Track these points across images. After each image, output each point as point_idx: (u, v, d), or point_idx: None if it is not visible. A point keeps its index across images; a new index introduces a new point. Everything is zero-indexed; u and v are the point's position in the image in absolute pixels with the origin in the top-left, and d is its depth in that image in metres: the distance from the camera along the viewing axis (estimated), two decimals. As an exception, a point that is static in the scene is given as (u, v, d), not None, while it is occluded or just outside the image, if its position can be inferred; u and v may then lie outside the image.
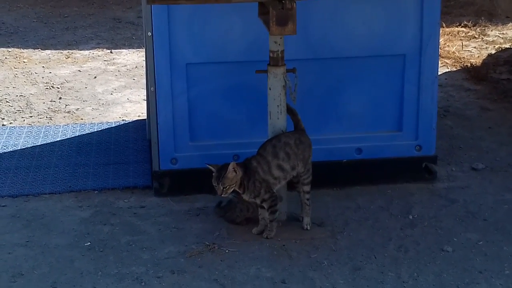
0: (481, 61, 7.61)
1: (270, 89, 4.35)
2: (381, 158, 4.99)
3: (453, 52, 7.86)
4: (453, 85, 6.99)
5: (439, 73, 7.02)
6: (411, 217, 4.63)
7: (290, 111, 4.41)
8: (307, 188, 4.40)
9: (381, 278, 4.01)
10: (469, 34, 8.54)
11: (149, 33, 4.65)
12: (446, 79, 7.16)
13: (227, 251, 4.27)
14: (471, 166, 5.30)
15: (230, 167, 4.17)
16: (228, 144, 4.81)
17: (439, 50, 7.52)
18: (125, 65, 7.71)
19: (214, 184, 4.21)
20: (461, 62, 7.55)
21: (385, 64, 4.88)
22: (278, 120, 4.38)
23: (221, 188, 4.18)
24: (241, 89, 4.79)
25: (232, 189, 4.21)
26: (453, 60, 7.64)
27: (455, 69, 7.44)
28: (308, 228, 4.45)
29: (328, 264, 4.14)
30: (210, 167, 4.24)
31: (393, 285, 3.95)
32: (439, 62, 7.22)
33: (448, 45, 8.10)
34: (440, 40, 7.89)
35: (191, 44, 4.70)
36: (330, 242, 4.35)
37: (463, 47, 8.08)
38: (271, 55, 4.31)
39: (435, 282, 3.97)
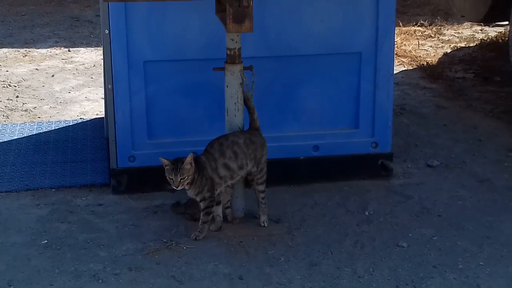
0: (437, 60, 7.70)
1: (227, 86, 4.37)
2: (338, 155, 5.03)
3: (410, 51, 7.94)
4: (409, 83, 7.07)
5: (396, 71, 7.15)
6: (367, 213, 4.68)
7: (248, 108, 4.43)
8: (261, 187, 4.43)
9: (337, 273, 4.05)
10: (425, 33, 8.64)
11: (106, 31, 4.65)
12: (402, 77, 7.24)
13: (184, 248, 4.28)
14: (427, 163, 5.37)
15: (189, 157, 4.17)
16: (186, 142, 4.82)
17: (396, 48, 7.65)
18: (83, 64, 7.68)
19: (169, 177, 4.19)
20: (418, 61, 7.64)
21: (342, 62, 4.92)
22: (235, 117, 4.40)
23: (179, 179, 4.16)
24: (199, 87, 4.81)
25: (187, 181, 4.21)
26: (410, 59, 7.73)
27: (411, 68, 7.52)
28: (265, 225, 4.48)
29: (285, 260, 4.17)
30: (163, 160, 4.22)
31: (349, 281, 3.99)
32: (396, 61, 7.35)
33: (404, 44, 8.18)
34: (396, 39, 8.04)
35: (149, 41, 4.71)
36: (287, 239, 4.38)
37: (419, 46, 8.17)
38: (228, 52, 4.34)
39: (390, 277, 4.02)
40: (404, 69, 7.49)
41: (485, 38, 8.33)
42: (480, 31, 8.77)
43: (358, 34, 4.87)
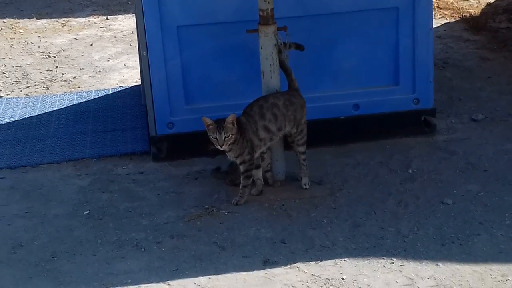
0: (480, 11, 7.53)
1: (261, 48, 4.30)
2: (379, 113, 4.95)
3: (452, 3, 7.77)
4: (452, 36, 6.92)
5: (438, 24, 7.01)
6: (410, 171, 4.60)
7: (285, 70, 4.36)
8: (302, 148, 4.37)
9: (381, 233, 3.99)
10: (467, -17, 8.45)
11: (139, -3, 4.61)
12: (445, 30, 7.09)
13: (226, 213, 4.25)
14: (471, 117, 5.26)
15: (231, 117, 4.11)
16: (223, 106, 4.76)
17: (438, 1, 7.50)
18: (121, 31, 7.65)
19: (213, 136, 4.14)
20: (460, 13, 7.48)
21: (379, 18, 4.82)
22: (271, 79, 4.34)
23: (223, 137, 4.11)
24: (234, 50, 4.75)
25: (231, 140, 4.14)
26: (452, 11, 7.56)
27: (454, 20, 7.36)
28: (307, 187, 4.43)
29: (328, 222, 4.12)
30: (206, 119, 4.14)
31: (393, 241, 3.93)
32: (438, 13, 7.20)
33: (446, -4, 8.01)
34: (438, -9, 7.88)
35: (181, 6, 4.65)
36: (329, 200, 4.32)
37: (461, -3, 8.00)
38: (261, 13, 4.26)
39: (435, 235, 3.95)
40: (446, 21, 7.33)
41: (529, -14, 8.12)
42: (524, -21, 8.54)
43: (395, -12, 4.76)
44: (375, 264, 3.75)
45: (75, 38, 7.50)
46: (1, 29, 7.88)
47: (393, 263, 3.75)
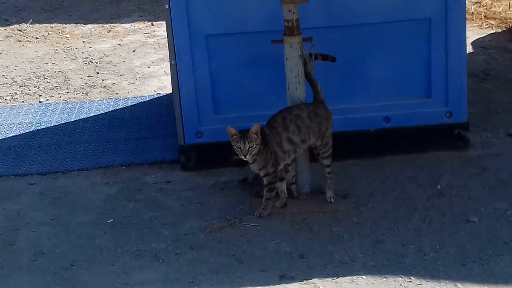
0: (528, 21, 7.38)
1: (286, 59, 4.27)
2: (410, 127, 4.87)
3: (500, 13, 7.62)
4: (497, 47, 6.79)
5: (484, 34, 6.90)
6: (439, 186, 4.51)
7: (310, 81, 4.32)
8: (327, 161, 4.32)
9: (402, 251, 3.92)
10: (518, -8, 8.29)
11: (167, 5, 4.60)
12: (490, 40, 6.96)
13: (247, 225, 4.22)
14: (507, 132, 5.14)
15: (255, 127, 4.08)
16: (253, 116, 4.69)
17: (485, 10, 7.37)
18: (165, 37, 7.63)
19: (237, 146, 4.11)
20: (507, 23, 7.33)
21: (410, 29, 4.75)
22: (296, 91, 4.30)
23: (247, 147, 4.08)
24: (263, 60, 4.72)
25: (255, 151, 4.11)
26: (499, 21, 7.42)
27: (500, 30, 7.22)
28: (332, 200, 4.37)
29: (349, 237, 4.06)
30: (230, 129, 4.11)
31: (413, 258, 3.86)
32: (484, 23, 7.07)
33: (494, 5, 7.85)
34: (486, 0, 7.75)
35: (210, 15, 4.65)
36: (353, 215, 4.27)
37: (510, 7, 7.83)
38: (286, 24, 4.23)
39: (457, 254, 3.86)
40: (492, 32, 7.20)
41: None
42: None
43: None
44: (392, 282, 3.68)
45: (119, 44, 7.55)
46: (48, 34, 7.98)
47: (410, 281, 3.68)
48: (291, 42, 4.22)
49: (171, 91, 6.17)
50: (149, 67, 6.88)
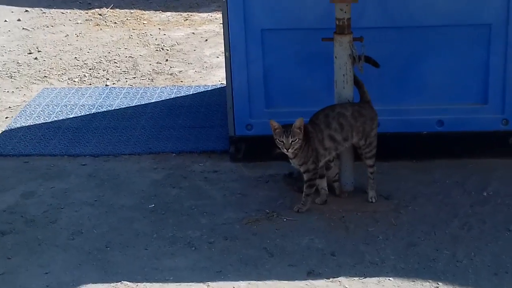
0: None
1: (336, 57, 4.25)
2: (464, 131, 4.79)
3: None
4: None
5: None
6: (485, 193, 4.42)
7: (356, 82, 4.30)
8: (370, 161, 4.28)
9: (434, 255, 3.87)
10: None
11: (224, -1, 4.64)
12: None
13: (285, 219, 4.22)
14: None
15: (298, 121, 4.08)
16: (304, 112, 4.65)
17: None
18: (239, 29, 7.70)
19: (279, 139, 4.12)
20: None
21: (469, 34, 4.66)
22: (343, 89, 4.28)
23: (290, 141, 4.08)
24: (317, 57, 4.70)
25: (298, 145, 4.11)
26: None
27: None
28: (373, 201, 4.34)
29: (383, 239, 4.02)
30: (273, 122, 4.12)
31: (445, 264, 3.79)
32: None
33: None
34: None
35: (266, 10, 4.65)
36: (391, 216, 4.22)
37: None
38: (337, 22, 4.21)
39: (490, 263, 3.79)
40: None
41: None
42: None
43: (487, 4, 4.59)
44: (419, 287, 3.64)
45: (192, 33, 7.63)
46: (127, 19, 8.11)
47: (438, 287, 3.63)
48: (341, 41, 4.20)
49: (234, 82, 6.23)
50: (218, 57, 6.93)
